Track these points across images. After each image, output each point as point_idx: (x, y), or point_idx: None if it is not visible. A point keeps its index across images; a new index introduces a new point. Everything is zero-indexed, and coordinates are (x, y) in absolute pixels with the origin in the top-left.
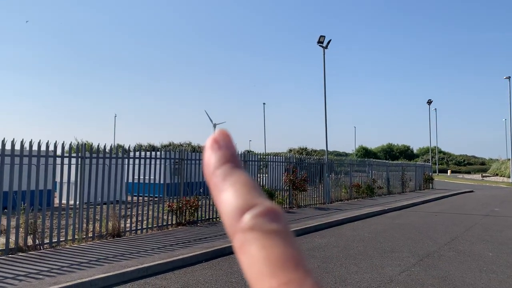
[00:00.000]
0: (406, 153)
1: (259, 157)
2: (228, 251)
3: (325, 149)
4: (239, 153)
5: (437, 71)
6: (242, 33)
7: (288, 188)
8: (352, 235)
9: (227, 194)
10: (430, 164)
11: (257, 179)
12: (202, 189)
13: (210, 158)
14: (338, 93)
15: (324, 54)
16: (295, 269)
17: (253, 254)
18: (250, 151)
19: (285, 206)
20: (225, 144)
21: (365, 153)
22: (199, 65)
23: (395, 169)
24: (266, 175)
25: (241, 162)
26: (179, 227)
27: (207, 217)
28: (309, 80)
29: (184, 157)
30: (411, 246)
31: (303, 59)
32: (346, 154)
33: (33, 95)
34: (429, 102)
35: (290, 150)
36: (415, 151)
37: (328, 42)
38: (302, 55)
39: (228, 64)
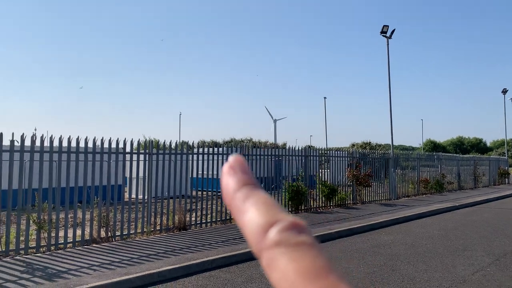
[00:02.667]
0: (478, 147)
1: (320, 152)
2: None
3: (391, 143)
4: (300, 148)
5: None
6: (302, 27)
7: (351, 183)
8: (420, 232)
9: (250, 214)
10: (505, 157)
11: (319, 174)
12: (263, 184)
13: (228, 183)
14: (403, 85)
15: (388, 45)
16: (327, 277)
17: (283, 268)
18: (311, 146)
19: (349, 202)
20: (241, 169)
21: (433, 147)
22: (259, 61)
23: (466, 163)
24: (328, 170)
25: (258, 183)
26: None
27: None
28: (372, 73)
29: (246, 153)
30: (485, 244)
31: (366, 51)
32: (413, 148)
33: (104, 95)
34: (504, 91)
35: (353, 145)
36: (488, 144)
37: (392, 32)
38: (364, 47)
39: (288, 58)
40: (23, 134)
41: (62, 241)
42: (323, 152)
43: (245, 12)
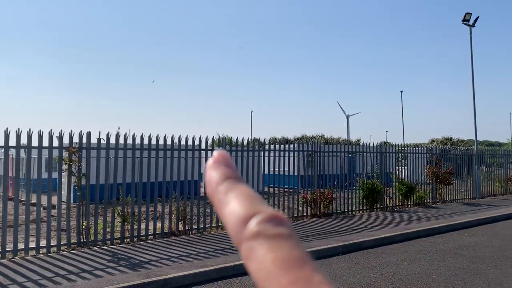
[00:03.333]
0: None
1: (397, 148)
2: (365, 246)
3: (474, 138)
4: (375, 144)
5: None
6: (375, 20)
7: (430, 181)
8: (509, 234)
9: (231, 206)
10: None
11: (395, 172)
12: (336, 181)
13: (212, 176)
14: (489, 76)
15: (470, 34)
16: (302, 268)
17: (260, 258)
18: (387, 142)
19: (428, 200)
20: (225, 163)
21: None
22: (330, 56)
23: None
24: (405, 167)
25: (241, 177)
26: (314, 219)
27: (342, 210)
28: (452, 64)
29: (317, 149)
30: None
31: (445, 41)
32: (500, 144)
33: (178, 94)
34: None
35: (433, 141)
36: None
37: (475, 20)
38: (444, 37)
39: (360, 53)
40: (108, 132)
41: (144, 233)
42: (399, 148)
43: (314, 9)
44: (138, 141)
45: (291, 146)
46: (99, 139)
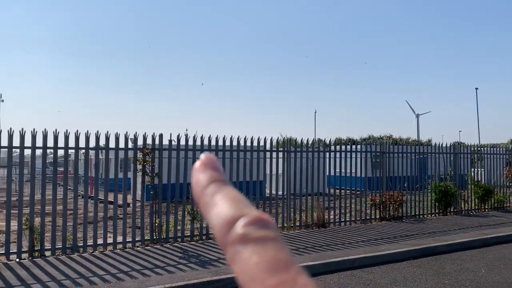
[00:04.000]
0: None
1: (472, 149)
2: (439, 251)
3: None
4: (448, 144)
5: None
6: (447, 14)
7: (510, 184)
8: None
9: (217, 209)
10: None
11: (470, 174)
12: (406, 184)
13: (199, 179)
14: None
15: None
16: (287, 270)
17: (245, 260)
18: (461, 142)
19: (508, 204)
20: (212, 166)
21: None
22: (397, 52)
23: None
24: (482, 169)
25: (228, 180)
26: (383, 222)
27: (412, 213)
28: None
29: (386, 150)
30: None
31: None
32: None
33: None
34: None
35: None
36: None
37: None
38: None
39: (430, 48)
40: (178, 134)
41: (212, 232)
42: (475, 149)
43: (379, 6)
44: (206, 142)
45: (358, 147)
46: (170, 141)
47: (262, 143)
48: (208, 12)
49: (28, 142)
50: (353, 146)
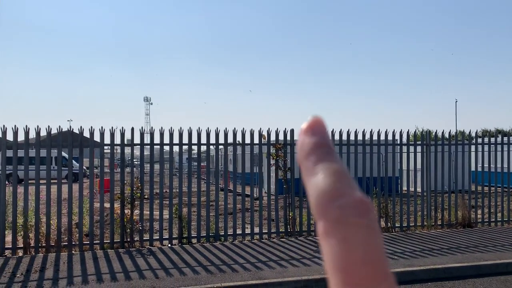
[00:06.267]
0: None
1: None
2: None
3: None
4: None
5: None
6: None
7: None
8: None
9: (318, 179)
10: None
11: None
12: None
13: (304, 143)
14: None
15: None
16: (371, 269)
17: (333, 246)
18: None
19: None
20: (319, 131)
21: None
22: None
23: None
24: None
25: (334, 148)
26: None
27: None
28: None
29: None
30: None
31: None
32: None
33: (361, 90)
34: None
35: None
36: None
37: None
38: None
39: None
40: None
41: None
42: None
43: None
44: (337, 137)
45: (510, 139)
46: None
47: (397, 137)
48: (340, 6)
49: (175, 139)
50: (505, 138)
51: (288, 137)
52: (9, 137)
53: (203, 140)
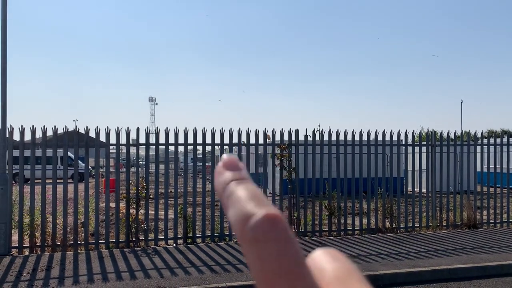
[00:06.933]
0: None
1: None
2: None
3: None
4: None
5: None
6: None
7: None
8: None
9: (232, 211)
10: None
11: None
12: None
13: (219, 180)
14: None
15: None
16: (285, 279)
17: (252, 264)
18: None
19: None
20: (232, 166)
21: None
22: None
23: None
24: None
25: (248, 178)
26: None
27: None
28: None
29: None
30: None
31: None
32: None
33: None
34: None
35: None
36: None
37: None
38: None
39: None
40: (314, 129)
41: (350, 228)
42: None
43: None
44: (341, 137)
45: None
46: (306, 136)
47: (402, 137)
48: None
49: (180, 139)
50: (510, 139)
51: (293, 138)
52: (16, 137)
53: (208, 140)
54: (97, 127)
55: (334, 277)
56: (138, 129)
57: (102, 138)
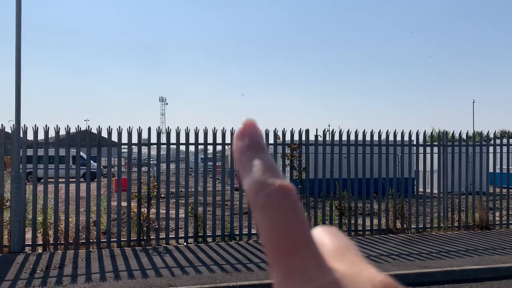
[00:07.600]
0: None
1: None
2: None
3: None
4: None
5: None
6: None
7: None
8: None
9: (248, 178)
10: None
11: None
12: None
13: (237, 146)
14: None
15: None
16: (294, 240)
17: (263, 227)
18: None
19: None
20: (250, 133)
21: None
22: None
23: None
24: None
25: (264, 147)
26: None
27: None
28: None
29: None
30: None
31: None
32: None
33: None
34: None
35: None
36: None
37: None
38: None
39: None
40: (324, 129)
41: (361, 228)
42: None
43: None
44: (352, 137)
45: None
46: (316, 136)
47: (413, 137)
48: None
49: (191, 139)
50: None
51: (303, 137)
52: (30, 136)
53: (219, 140)
54: (109, 126)
55: (333, 249)
56: (149, 129)
57: (114, 137)
